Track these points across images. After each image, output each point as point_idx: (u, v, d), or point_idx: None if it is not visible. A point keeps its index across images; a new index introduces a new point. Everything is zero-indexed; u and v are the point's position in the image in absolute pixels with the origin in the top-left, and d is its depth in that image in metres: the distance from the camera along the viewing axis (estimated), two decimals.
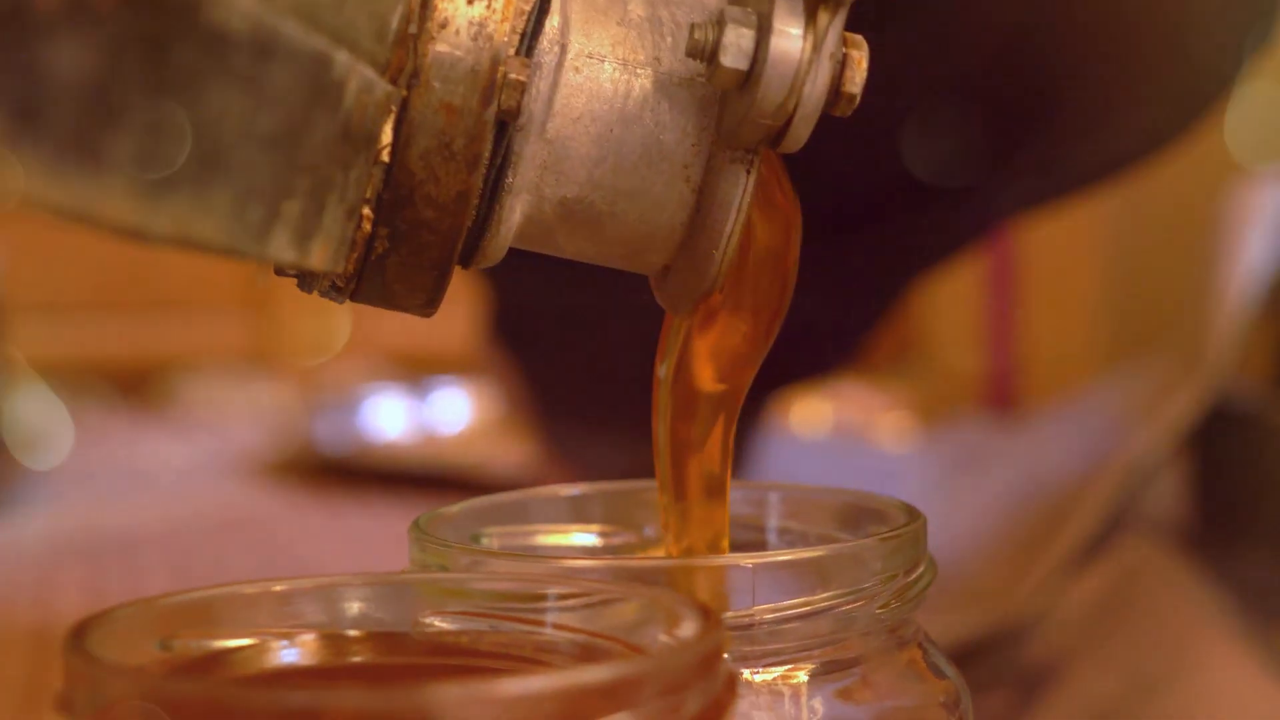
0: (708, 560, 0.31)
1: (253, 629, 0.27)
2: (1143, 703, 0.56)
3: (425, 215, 0.29)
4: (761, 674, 0.29)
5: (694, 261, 0.31)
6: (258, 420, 1.11)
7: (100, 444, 1.05)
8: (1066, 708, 0.58)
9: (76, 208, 0.22)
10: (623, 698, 0.23)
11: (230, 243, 0.25)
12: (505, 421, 0.96)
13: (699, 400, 0.32)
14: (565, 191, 0.30)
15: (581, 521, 0.35)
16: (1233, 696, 0.55)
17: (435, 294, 0.30)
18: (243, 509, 0.90)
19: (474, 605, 0.28)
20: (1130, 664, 0.59)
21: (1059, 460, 0.78)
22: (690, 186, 0.30)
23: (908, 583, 0.31)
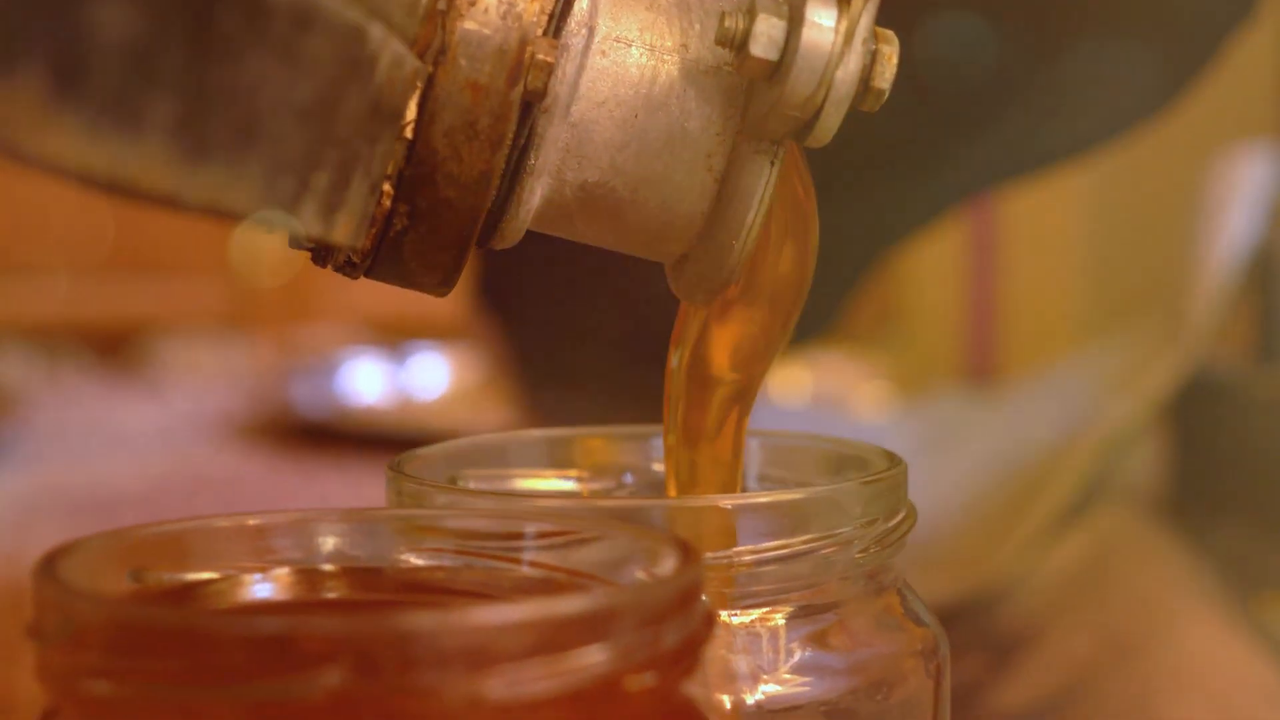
0: (686, 501, 0.30)
1: (225, 563, 0.27)
2: (1116, 667, 0.56)
3: (446, 194, 0.29)
4: (739, 616, 0.29)
5: (713, 252, 0.30)
6: (235, 383, 1.10)
7: (77, 405, 1.05)
8: (1040, 672, 0.58)
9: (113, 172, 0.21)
10: (599, 629, 0.23)
11: (260, 213, 0.24)
12: (483, 387, 0.96)
13: (713, 391, 0.32)
14: (586, 176, 0.30)
15: (559, 466, 0.35)
16: (1206, 662, 0.55)
17: (451, 273, 0.30)
18: (219, 471, 0.90)
19: (450, 543, 0.28)
20: (1104, 629, 0.60)
21: (1037, 430, 0.78)
22: (713, 176, 0.30)
23: (887, 528, 0.30)
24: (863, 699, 0.30)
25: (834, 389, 0.99)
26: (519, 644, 0.22)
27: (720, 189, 0.30)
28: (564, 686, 0.23)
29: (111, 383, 1.13)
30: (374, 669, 0.22)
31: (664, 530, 0.26)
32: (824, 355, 1.00)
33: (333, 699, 0.22)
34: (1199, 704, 0.52)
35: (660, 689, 0.24)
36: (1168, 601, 0.60)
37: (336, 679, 0.22)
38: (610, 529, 0.27)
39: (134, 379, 1.15)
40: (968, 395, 0.95)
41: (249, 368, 1.15)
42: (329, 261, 0.31)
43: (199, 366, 1.18)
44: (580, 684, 0.23)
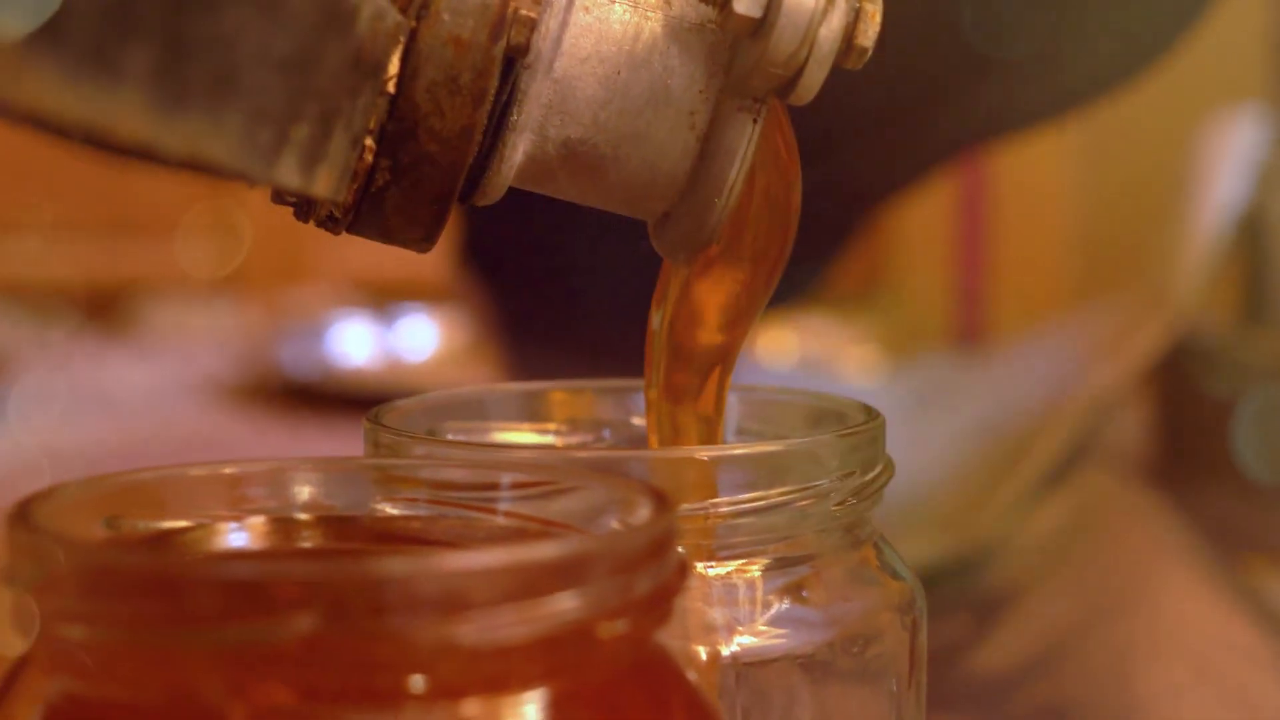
0: (663, 453, 0.30)
1: (200, 511, 0.27)
2: (1097, 628, 0.56)
3: (428, 149, 0.29)
4: (716, 568, 0.29)
5: (695, 209, 0.30)
6: (223, 344, 1.10)
7: (65, 366, 1.05)
8: (1021, 633, 0.59)
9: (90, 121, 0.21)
10: (571, 576, 0.23)
11: (239, 164, 0.24)
12: (471, 349, 0.96)
13: (695, 350, 0.32)
14: (569, 132, 0.30)
15: (538, 420, 0.35)
16: (1187, 623, 0.55)
17: (433, 229, 0.30)
18: (207, 432, 0.90)
19: (425, 493, 0.28)
20: (1087, 591, 0.60)
21: (1025, 393, 0.79)
22: (695, 134, 0.30)
23: (864, 481, 0.31)
24: (838, 652, 0.30)
25: (821, 352, 0.99)
26: (491, 590, 0.22)
27: (703, 146, 0.30)
28: (536, 633, 0.23)
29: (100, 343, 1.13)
30: (346, 614, 0.22)
31: (639, 481, 0.26)
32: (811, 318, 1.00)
33: (305, 644, 0.22)
34: (1180, 665, 0.52)
35: (632, 637, 0.24)
36: (1150, 563, 0.60)
37: (309, 624, 0.22)
38: (586, 480, 0.27)
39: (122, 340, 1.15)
40: (955, 359, 0.95)
41: (237, 329, 1.15)
42: (311, 216, 0.31)
43: (187, 327, 1.17)
44: (552, 630, 0.23)
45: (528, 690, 0.23)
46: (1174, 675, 0.52)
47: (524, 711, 0.23)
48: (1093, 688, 0.53)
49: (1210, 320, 0.83)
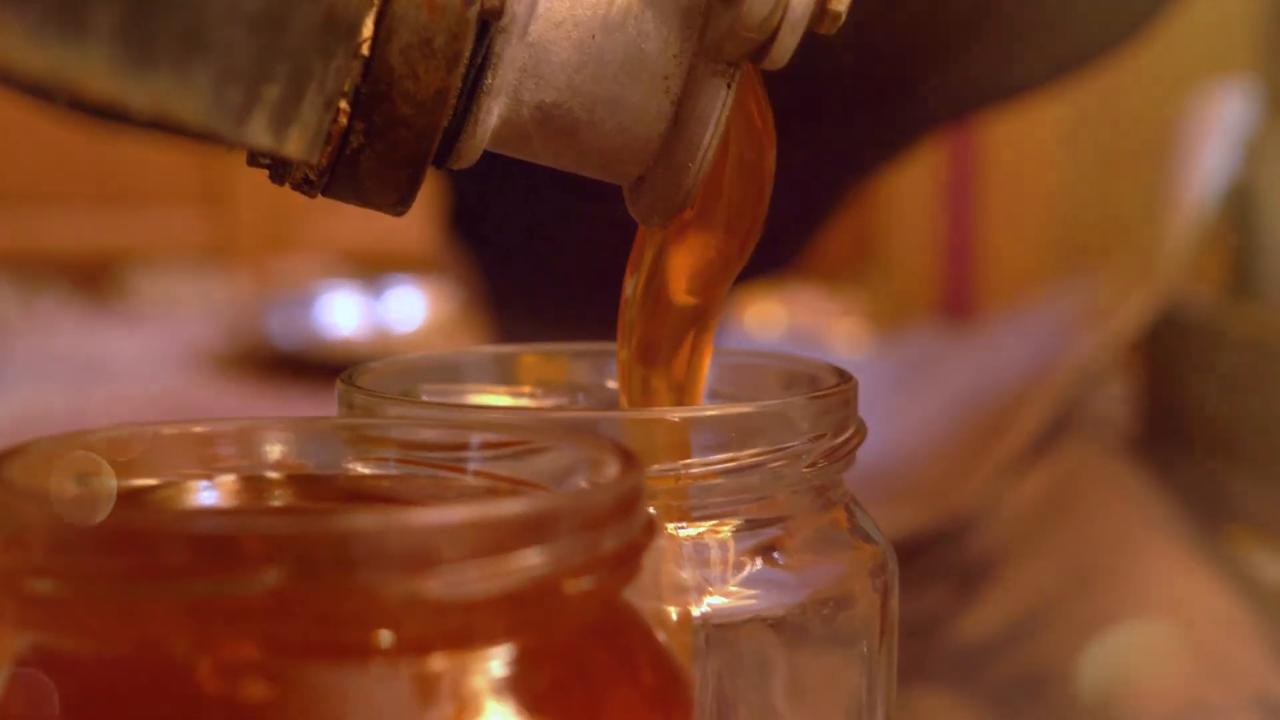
0: (634, 414, 0.30)
1: (171, 469, 0.27)
2: (1077, 598, 0.57)
3: (402, 112, 0.29)
4: (687, 529, 0.30)
5: (669, 174, 0.31)
6: (211, 314, 1.10)
7: (54, 336, 1.05)
8: (1002, 602, 0.59)
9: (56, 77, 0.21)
10: (537, 533, 0.23)
11: (208, 123, 0.24)
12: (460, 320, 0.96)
13: (669, 315, 0.32)
14: (544, 96, 0.30)
15: (512, 383, 0.35)
16: (1167, 592, 0.55)
17: (408, 192, 0.30)
18: (195, 401, 0.90)
19: (397, 453, 0.28)
20: (1067, 560, 0.60)
21: (1010, 365, 0.79)
22: (669, 98, 0.30)
23: (835, 444, 0.31)
24: (809, 614, 0.30)
25: (809, 324, 0.99)
26: (457, 546, 0.23)
27: (677, 111, 0.30)
28: (502, 588, 0.23)
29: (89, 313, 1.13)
30: (313, 569, 0.22)
31: (609, 440, 0.27)
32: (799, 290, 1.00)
33: (272, 598, 0.22)
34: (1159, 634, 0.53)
35: (599, 593, 0.24)
36: (1131, 534, 0.60)
37: (275, 579, 0.22)
38: (556, 440, 0.27)
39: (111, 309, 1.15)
40: (942, 332, 0.96)
41: (226, 299, 1.15)
42: (287, 179, 0.31)
43: (176, 297, 1.17)
44: (518, 586, 0.23)
45: (494, 645, 0.23)
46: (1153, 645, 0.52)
47: (490, 667, 0.23)
48: (1073, 656, 0.53)
49: (1196, 293, 0.83)
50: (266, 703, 0.22)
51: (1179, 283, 0.77)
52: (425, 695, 0.23)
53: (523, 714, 0.23)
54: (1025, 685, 0.53)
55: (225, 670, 0.22)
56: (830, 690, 0.31)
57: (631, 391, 0.31)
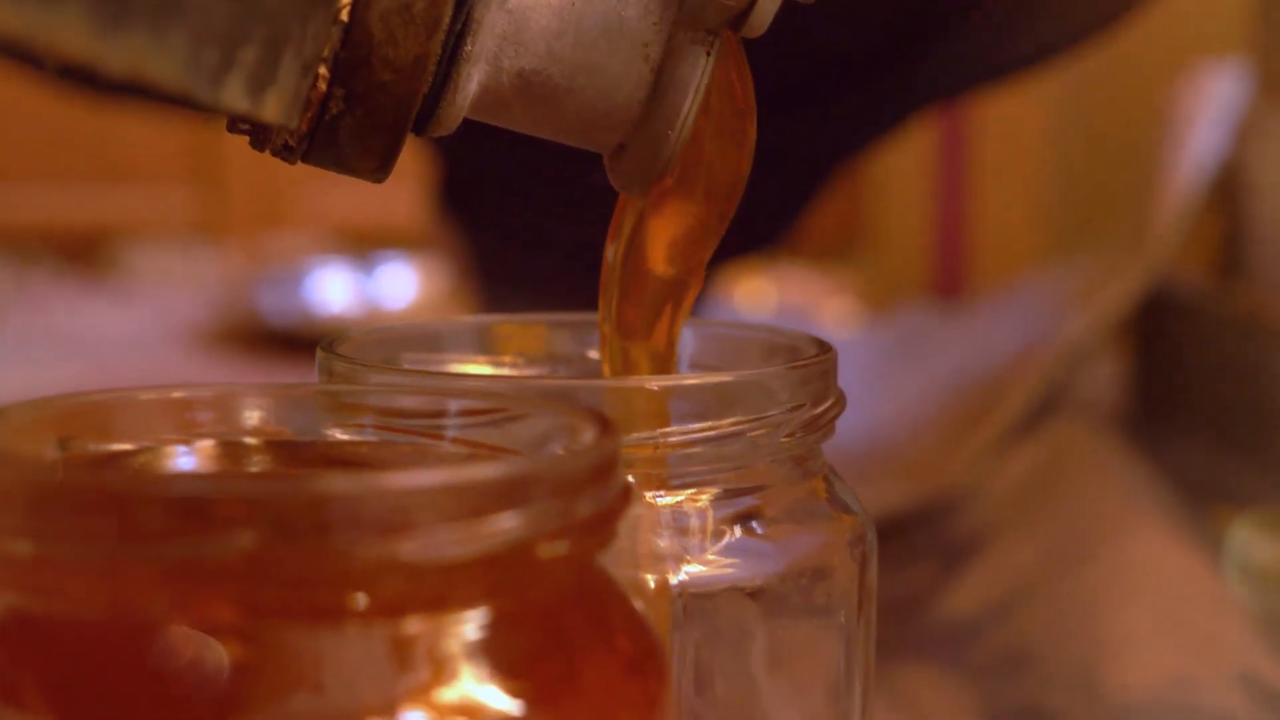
0: (613, 382, 0.31)
1: (150, 433, 0.27)
2: (1062, 575, 0.57)
3: (382, 78, 0.29)
4: (665, 497, 0.30)
5: (649, 141, 0.31)
6: (202, 290, 1.10)
7: (45, 311, 1.05)
8: (987, 579, 0.59)
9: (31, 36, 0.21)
10: (512, 497, 0.23)
11: (184, 85, 0.24)
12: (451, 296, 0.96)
13: (648, 283, 0.32)
14: (523, 63, 0.30)
15: (493, 352, 0.35)
16: (1152, 570, 0.55)
17: (387, 159, 0.30)
18: (185, 377, 0.90)
19: (375, 419, 0.28)
20: (1053, 538, 0.60)
21: (999, 343, 0.79)
22: (649, 65, 0.30)
23: (814, 414, 0.31)
24: (787, 583, 0.31)
25: (800, 303, 1.00)
26: (432, 509, 0.23)
27: (656, 78, 0.30)
28: (476, 552, 0.23)
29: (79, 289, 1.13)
30: (288, 531, 0.22)
31: (585, 407, 0.27)
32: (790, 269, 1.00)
33: (247, 561, 0.22)
34: (1143, 611, 0.53)
35: (574, 559, 0.24)
36: (1117, 512, 0.61)
37: (251, 541, 0.22)
38: (534, 407, 0.27)
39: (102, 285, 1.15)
40: (933, 311, 0.96)
41: (217, 275, 1.15)
42: (267, 145, 0.31)
43: (167, 273, 1.17)
44: (493, 550, 0.23)
45: (469, 609, 0.23)
46: (1137, 620, 0.52)
47: (465, 630, 0.23)
48: (1057, 634, 0.53)
49: (1186, 273, 0.83)
50: (242, 664, 0.22)
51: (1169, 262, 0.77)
52: (400, 658, 0.23)
53: (497, 677, 0.23)
54: (1008, 662, 0.53)
55: (200, 631, 0.22)
56: (808, 660, 0.32)
57: (612, 360, 0.32)
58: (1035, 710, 0.50)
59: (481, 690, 0.23)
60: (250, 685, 0.22)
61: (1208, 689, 0.48)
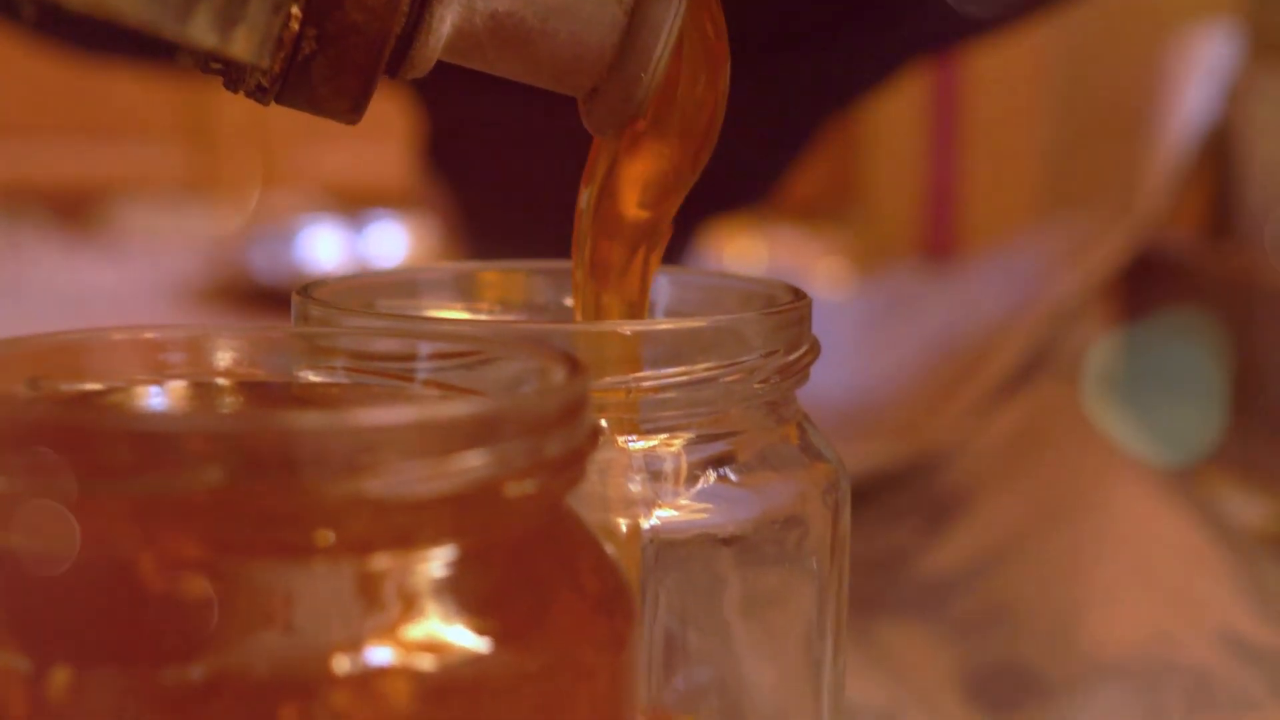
0: (586, 326, 0.31)
1: (122, 374, 0.27)
2: (1044, 531, 0.57)
3: (354, 18, 0.29)
4: (638, 442, 0.30)
5: (621, 84, 0.31)
6: (193, 247, 1.10)
7: (35, 267, 1.05)
8: (969, 536, 0.59)
9: None
10: (480, 435, 0.23)
11: (149, 17, 0.24)
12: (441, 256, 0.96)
13: (621, 228, 0.32)
14: (496, 5, 0.30)
15: (470, 299, 0.35)
16: (1134, 526, 0.55)
17: (360, 100, 0.30)
18: None
19: (348, 362, 0.28)
20: (1036, 496, 0.60)
21: (988, 304, 0.79)
22: (622, 8, 0.30)
23: (788, 361, 0.31)
24: (760, 529, 0.31)
25: (790, 264, 0.99)
26: (400, 446, 0.23)
27: (629, 21, 0.30)
28: (444, 489, 0.23)
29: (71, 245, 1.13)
30: (257, 468, 0.22)
31: (556, 349, 0.27)
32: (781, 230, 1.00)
33: (214, 497, 0.22)
34: (1124, 566, 0.53)
35: (542, 498, 0.24)
36: (1100, 469, 0.61)
37: (218, 477, 0.22)
38: (505, 350, 0.28)
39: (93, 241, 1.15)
40: (924, 272, 0.96)
41: (208, 232, 1.15)
42: (240, 86, 0.31)
43: (158, 230, 1.17)
44: (460, 488, 0.23)
45: (436, 546, 0.23)
46: (1117, 576, 0.52)
47: (432, 567, 0.23)
48: (1036, 590, 0.54)
49: (1176, 234, 0.83)
50: (209, 599, 0.22)
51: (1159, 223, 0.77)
52: (367, 594, 0.23)
53: (465, 615, 0.23)
54: (989, 617, 0.53)
55: (168, 567, 0.23)
56: (780, 607, 0.32)
57: (585, 307, 0.32)
58: (1013, 665, 0.50)
59: (448, 628, 0.23)
60: (217, 621, 0.22)
61: (1186, 645, 0.48)
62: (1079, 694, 0.46)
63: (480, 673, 0.23)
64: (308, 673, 0.22)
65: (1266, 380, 0.75)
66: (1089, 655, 0.48)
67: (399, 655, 0.23)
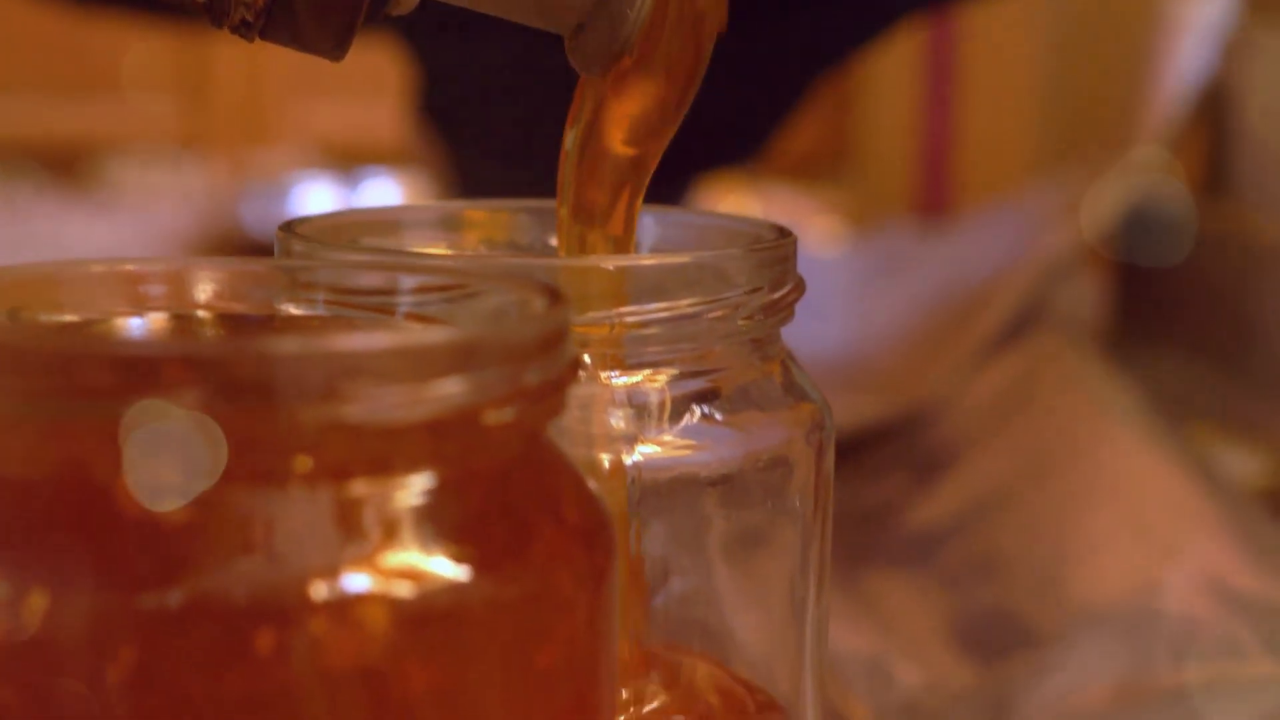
0: (570, 261, 0.31)
1: (102, 306, 0.27)
2: (1032, 483, 0.57)
3: None
4: (621, 377, 0.30)
5: (607, 20, 0.30)
6: (186, 203, 1.10)
7: (27, 223, 1.04)
8: (958, 489, 0.59)
9: None
10: (459, 361, 0.23)
11: None
12: None
13: (606, 166, 0.32)
14: None
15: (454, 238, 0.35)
16: (1123, 477, 0.55)
17: (344, 36, 0.30)
18: None
19: (328, 295, 0.28)
20: (1025, 448, 0.60)
21: (981, 260, 0.79)
22: None
23: (773, 298, 0.31)
24: (744, 467, 0.31)
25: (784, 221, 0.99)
26: (377, 371, 0.23)
27: None
28: (422, 415, 0.23)
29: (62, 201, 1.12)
30: (234, 392, 0.22)
31: (537, 282, 0.27)
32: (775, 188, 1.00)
33: None
34: (1112, 517, 0.53)
35: (521, 426, 0.24)
36: (1091, 422, 0.61)
37: (195, 401, 0.22)
38: (487, 284, 0.27)
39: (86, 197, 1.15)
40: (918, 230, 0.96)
41: (201, 188, 1.15)
42: (225, 21, 0.30)
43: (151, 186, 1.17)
44: (438, 414, 0.23)
45: (414, 474, 0.23)
46: (1105, 526, 0.52)
47: (410, 495, 0.23)
48: (1025, 540, 0.54)
49: (1170, 189, 0.83)
50: (186, 524, 0.22)
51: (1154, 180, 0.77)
52: (345, 521, 0.23)
53: (442, 543, 0.23)
54: (976, 568, 0.53)
55: None
56: (764, 545, 0.32)
57: (569, 246, 0.31)
58: (1000, 614, 0.50)
59: (427, 555, 0.23)
60: (194, 546, 0.22)
61: (1174, 593, 0.48)
62: (1066, 642, 0.46)
63: (458, 601, 0.23)
64: (285, 599, 0.22)
65: (1260, 336, 0.75)
66: (1077, 604, 0.48)
67: (377, 582, 0.23)
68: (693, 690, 0.31)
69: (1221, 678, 0.44)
